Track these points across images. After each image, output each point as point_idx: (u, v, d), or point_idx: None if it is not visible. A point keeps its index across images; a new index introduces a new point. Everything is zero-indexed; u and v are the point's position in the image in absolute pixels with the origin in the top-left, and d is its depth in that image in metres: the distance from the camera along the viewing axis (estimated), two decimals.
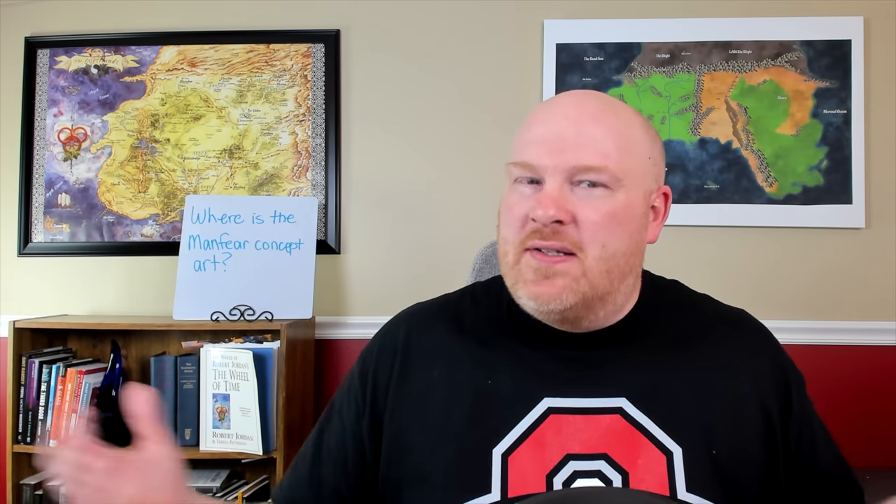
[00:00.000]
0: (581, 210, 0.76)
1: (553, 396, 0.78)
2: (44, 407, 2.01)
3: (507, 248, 0.80)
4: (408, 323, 0.89)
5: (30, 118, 2.33)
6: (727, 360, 0.83)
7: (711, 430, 0.78)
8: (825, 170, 2.14)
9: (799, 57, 2.16)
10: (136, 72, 2.33)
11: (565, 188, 0.76)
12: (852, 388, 2.09)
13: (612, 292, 0.79)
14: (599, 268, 0.76)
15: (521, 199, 0.79)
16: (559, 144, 0.76)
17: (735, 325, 0.88)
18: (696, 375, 0.81)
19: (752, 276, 2.15)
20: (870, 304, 2.13)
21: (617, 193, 0.77)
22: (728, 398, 0.80)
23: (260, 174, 2.29)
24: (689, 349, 0.83)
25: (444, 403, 0.81)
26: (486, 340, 0.84)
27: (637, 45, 2.19)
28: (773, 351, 0.87)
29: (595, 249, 0.76)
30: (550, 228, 0.75)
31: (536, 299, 0.77)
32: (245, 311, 2.05)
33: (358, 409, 0.86)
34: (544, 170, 0.77)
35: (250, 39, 2.30)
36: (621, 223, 0.77)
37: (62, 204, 2.32)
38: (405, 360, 0.85)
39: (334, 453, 0.86)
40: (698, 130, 2.18)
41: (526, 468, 0.75)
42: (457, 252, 2.16)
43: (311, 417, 2.14)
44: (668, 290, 0.91)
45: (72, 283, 2.33)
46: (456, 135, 2.25)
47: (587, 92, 0.85)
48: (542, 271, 0.76)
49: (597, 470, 0.75)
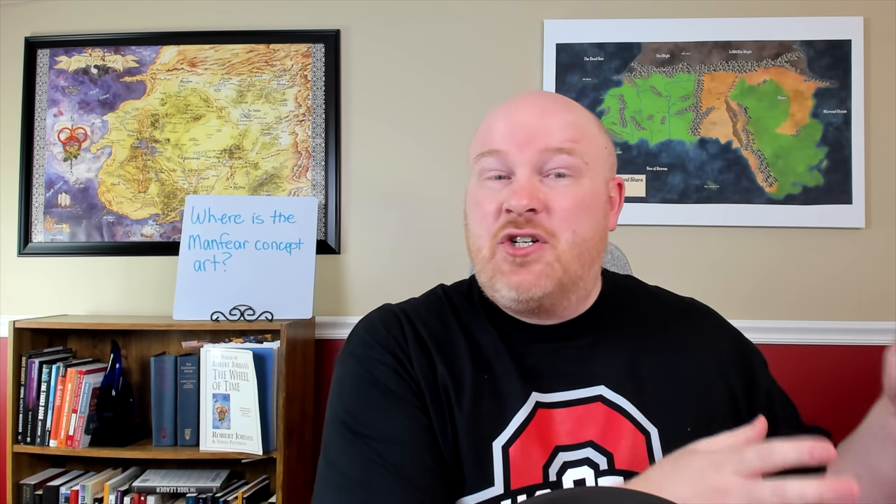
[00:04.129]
0: (552, 198, 0.79)
1: (540, 392, 0.80)
2: (44, 407, 2.01)
3: (480, 244, 0.82)
4: (403, 311, 0.86)
5: (30, 118, 2.33)
6: (689, 343, 0.87)
7: (683, 409, 0.81)
8: (825, 170, 2.14)
9: (799, 57, 2.16)
10: (136, 72, 2.33)
11: (535, 179, 0.80)
12: (852, 389, 2.09)
13: (583, 277, 0.82)
14: (572, 252, 0.80)
15: (490, 193, 0.81)
16: (527, 136, 0.80)
17: (689, 312, 0.92)
18: (665, 359, 0.84)
19: (752, 276, 2.15)
20: (870, 304, 2.13)
21: (583, 181, 0.81)
22: (695, 379, 0.84)
23: (260, 174, 2.29)
24: (654, 335, 0.86)
25: (452, 394, 0.81)
26: (473, 337, 0.85)
27: (637, 45, 2.19)
28: (729, 332, 0.91)
29: (567, 234, 0.79)
30: (524, 217, 0.78)
31: (517, 288, 0.79)
32: (245, 311, 2.05)
33: (410, 386, 0.79)
34: (514, 161, 0.80)
35: (250, 39, 2.30)
36: (588, 209, 0.81)
37: (62, 204, 2.32)
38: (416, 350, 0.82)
39: (416, 439, 0.76)
40: (698, 130, 2.18)
41: (524, 460, 0.77)
42: (456, 252, 2.16)
43: (311, 417, 2.14)
44: (625, 283, 0.95)
45: (72, 283, 2.33)
46: (456, 134, 2.25)
47: (542, 91, 0.91)
48: (518, 261, 0.79)
49: (584, 458, 0.77)
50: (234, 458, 1.98)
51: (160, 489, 1.99)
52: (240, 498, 1.97)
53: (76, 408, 2.01)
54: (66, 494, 2.02)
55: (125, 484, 2.04)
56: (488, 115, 0.85)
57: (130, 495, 2.01)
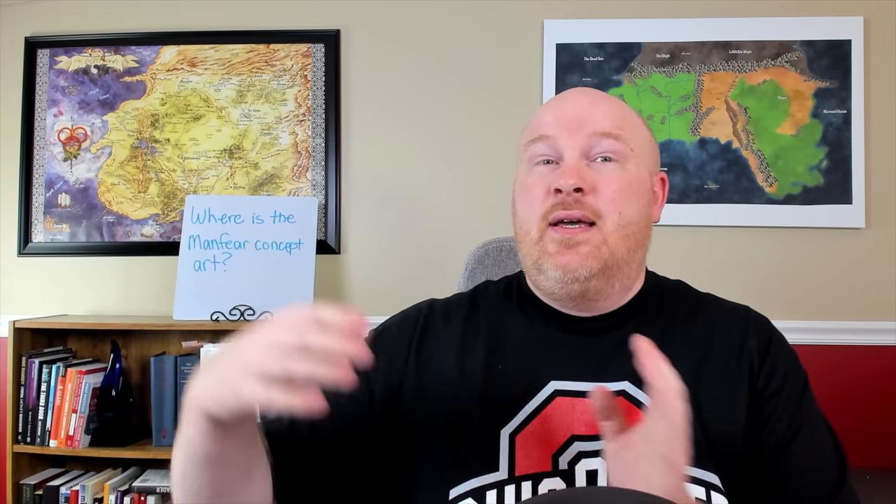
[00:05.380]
0: (599, 181, 0.82)
1: (559, 380, 0.81)
2: (44, 407, 2.02)
3: (528, 227, 0.84)
4: (429, 306, 0.93)
5: (30, 118, 2.33)
6: (724, 343, 0.85)
7: (704, 409, 0.80)
8: (825, 170, 2.14)
9: (799, 57, 2.16)
10: (136, 72, 2.33)
11: (582, 162, 0.82)
12: (852, 389, 2.09)
13: (628, 262, 0.83)
14: (618, 234, 0.81)
15: (539, 177, 0.84)
16: (576, 122, 0.83)
17: (734, 312, 0.89)
18: (692, 359, 0.83)
19: (752, 277, 2.15)
20: (870, 304, 2.13)
21: (628, 166, 0.83)
22: (722, 379, 0.82)
23: (260, 174, 2.29)
24: (688, 335, 0.86)
25: (456, 386, 0.83)
26: (497, 329, 0.87)
27: (637, 45, 2.19)
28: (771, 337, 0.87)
29: (613, 216, 0.81)
30: (573, 198, 0.80)
31: (563, 268, 0.81)
32: (245, 311, 2.05)
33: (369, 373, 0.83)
34: (563, 145, 0.83)
35: (250, 39, 2.30)
36: (634, 193, 0.83)
37: (62, 204, 2.32)
38: (422, 341, 0.88)
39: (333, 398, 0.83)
40: (698, 130, 2.18)
41: (532, 448, 0.78)
42: (456, 252, 2.16)
43: None
44: (669, 284, 0.94)
45: (72, 283, 2.33)
46: (456, 135, 2.25)
47: (590, 88, 0.92)
48: (565, 242, 0.81)
49: (601, 450, 0.77)
50: None
51: (160, 489, 1.99)
52: None
53: (76, 408, 2.01)
54: (66, 494, 2.02)
55: (125, 484, 2.04)
56: (538, 110, 0.89)
57: (130, 495, 2.01)
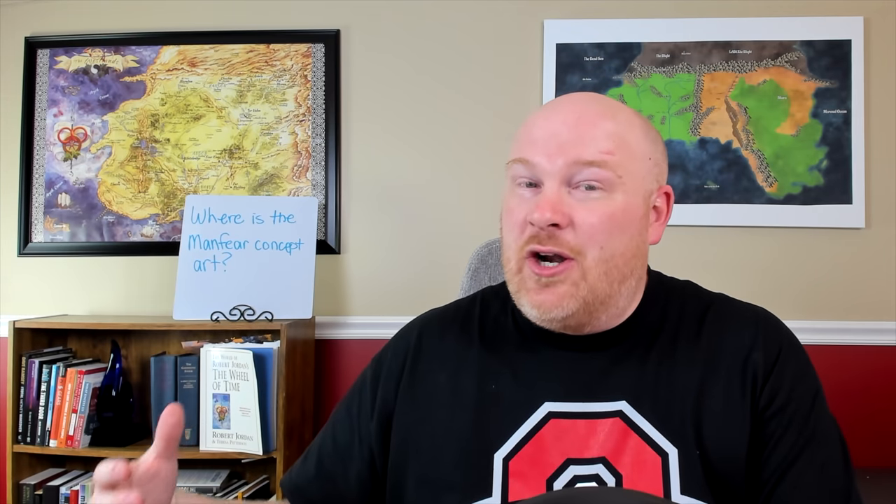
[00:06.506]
0: (578, 213, 0.76)
1: (554, 401, 0.79)
2: (44, 407, 2.01)
3: (509, 255, 0.81)
4: (420, 328, 0.91)
5: (30, 118, 2.33)
6: (729, 357, 0.80)
7: (705, 430, 0.77)
8: (825, 170, 2.14)
9: (799, 57, 2.16)
10: (136, 72, 2.33)
11: (563, 191, 0.77)
12: (852, 389, 2.09)
13: (612, 295, 0.79)
14: (598, 269, 0.77)
15: (520, 202, 0.80)
16: (558, 146, 0.77)
17: (743, 318, 0.84)
18: (695, 374, 0.79)
19: (751, 277, 2.15)
20: (870, 304, 2.13)
21: (615, 195, 0.77)
22: (724, 397, 0.78)
23: (260, 174, 2.29)
24: (691, 349, 0.81)
25: (448, 408, 0.82)
26: (492, 346, 0.85)
27: (637, 45, 2.19)
28: (780, 348, 0.82)
29: (593, 251, 0.77)
30: (547, 232, 0.76)
31: (539, 307, 0.78)
32: (245, 311, 2.05)
33: (368, 408, 0.88)
34: (542, 171, 0.77)
35: (250, 39, 2.30)
36: (619, 225, 0.78)
37: (62, 204, 2.32)
38: (415, 363, 0.87)
39: (342, 448, 0.89)
40: (698, 130, 2.18)
41: (526, 472, 0.76)
42: (457, 252, 2.16)
43: (311, 417, 2.14)
44: (677, 290, 0.89)
45: (72, 283, 2.32)
46: (456, 135, 2.25)
47: (587, 94, 0.85)
48: (542, 281, 0.77)
49: (595, 474, 0.75)
50: (234, 458, 1.98)
51: None
52: (240, 498, 1.97)
53: (76, 408, 2.01)
54: (66, 494, 2.02)
55: None
56: (528, 118, 0.83)
57: None
